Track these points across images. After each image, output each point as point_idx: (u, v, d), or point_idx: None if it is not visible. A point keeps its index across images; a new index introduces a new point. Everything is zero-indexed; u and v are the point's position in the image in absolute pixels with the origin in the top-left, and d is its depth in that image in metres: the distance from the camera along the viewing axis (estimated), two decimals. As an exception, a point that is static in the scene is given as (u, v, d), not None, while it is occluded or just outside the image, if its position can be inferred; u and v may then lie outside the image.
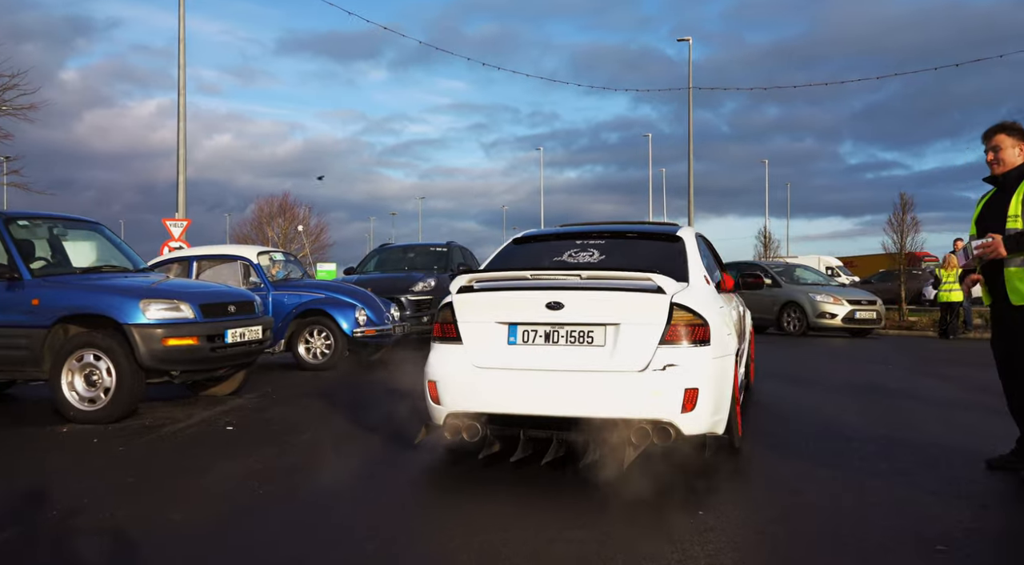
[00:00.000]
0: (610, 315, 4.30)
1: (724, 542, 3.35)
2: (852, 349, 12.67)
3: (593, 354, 4.28)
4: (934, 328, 17.49)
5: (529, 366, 4.36)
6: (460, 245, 15.17)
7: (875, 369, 9.53)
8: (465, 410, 4.45)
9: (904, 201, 19.30)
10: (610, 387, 4.18)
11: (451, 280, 4.93)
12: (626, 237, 5.57)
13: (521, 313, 4.44)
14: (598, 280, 4.46)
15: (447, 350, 4.63)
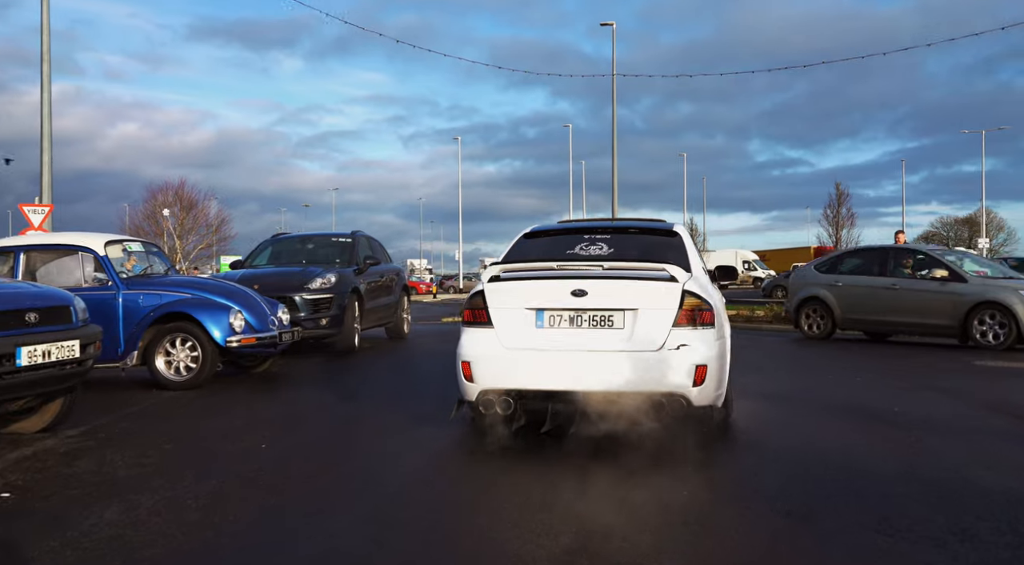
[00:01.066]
0: (629, 301, 4.81)
1: None
2: (816, 356, 11.44)
3: (614, 336, 4.79)
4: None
5: (556, 347, 4.83)
6: (368, 236, 13.26)
7: (850, 380, 8.20)
8: (497, 387, 4.89)
9: (839, 193, 18.35)
10: (630, 365, 4.67)
11: (357, 274, 5.16)
12: (628, 232, 6.10)
13: (548, 300, 4.93)
14: (617, 270, 5.02)
15: (479, 333, 5.06)
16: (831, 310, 12.92)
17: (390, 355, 11.25)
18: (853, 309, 12.71)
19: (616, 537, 3.37)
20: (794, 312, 13.70)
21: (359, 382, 8.47)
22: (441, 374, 8.42)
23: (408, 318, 13.99)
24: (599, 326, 4.86)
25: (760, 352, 10.85)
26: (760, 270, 52.12)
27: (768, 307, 19.64)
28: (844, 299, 12.80)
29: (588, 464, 4.54)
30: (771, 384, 7.63)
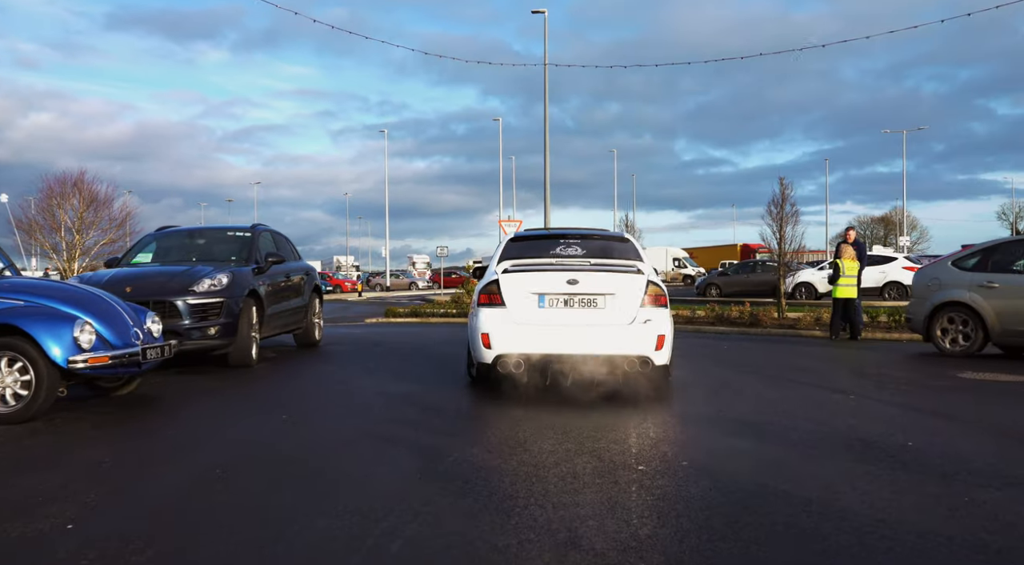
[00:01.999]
0: (608, 288, 6.67)
1: None
2: (762, 360, 10.28)
3: (598, 313, 6.65)
4: (820, 327, 15.62)
5: (554, 322, 6.64)
6: (272, 230, 11.55)
7: (838, 404, 6.99)
8: (510, 352, 6.61)
9: (783, 188, 17.40)
10: (610, 335, 6.56)
11: (256, 274, 7.91)
12: (592, 238, 7.98)
13: (548, 287, 6.71)
14: (600, 265, 7.01)
15: (495, 312, 6.71)
16: (982, 319, 10.02)
17: (296, 368, 9.60)
18: (1018, 318, 9.75)
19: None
20: (925, 321, 10.62)
21: (247, 409, 6.84)
22: (358, 394, 6.97)
23: (320, 323, 12.33)
24: (587, 306, 6.67)
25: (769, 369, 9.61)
26: (690, 267, 51.80)
27: (708, 307, 18.59)
28: (1005, 305, 9.85)
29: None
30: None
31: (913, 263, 26.12)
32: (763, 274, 29.12)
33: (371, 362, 9.81)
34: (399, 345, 12.42)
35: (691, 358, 10.00)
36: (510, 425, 5.70)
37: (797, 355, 10.75)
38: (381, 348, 11.84)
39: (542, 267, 6.98)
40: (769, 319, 16.71)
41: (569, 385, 6.94)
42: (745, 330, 15.99)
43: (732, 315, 17.52)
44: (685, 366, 9.03)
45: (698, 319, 18.00)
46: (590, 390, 6.88)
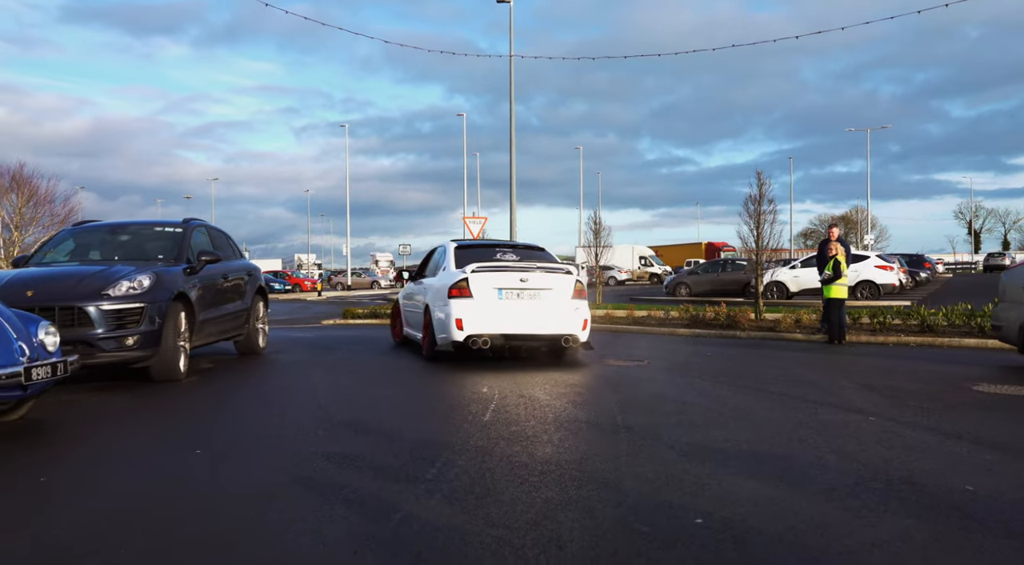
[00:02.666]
0: (549, 284, 9.10)
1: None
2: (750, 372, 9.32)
3: (541, 303, 9.04)
4: (801, 329, 14.76)
5: (509, 310, 8.94)
6: (209, 225, 10.30)
7: (860, 429, 6.00)
8: (478, 332, 8.83)
9: (761, 184, 16.49)
10: (550, 319, 9.00)
11: (187, 275, 8.37)
12: (519, 248, 10.46)
13: (505, 283, 9.01)
14: (543, 267, 9.25)
15: (466, 301, 8.93)
16: None
17: (229, 383, 8.39)
18: None
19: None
20: (1021, 331, 8.97)
21: (155, 439, 5.64)
22: (297, 419, 5.50)
23: (264, 329, 11.10)
24: (533, 298, 9.07)
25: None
26: (657, 266, 51.12)
27: (682, 308, 17.65)
28: None
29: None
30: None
31: (886, 262, 25.53)
32: (733, 273, 28.38)
33: (319, 374, 8.64)
34: (354, 352, 11.24)
35: (676, 369, 8.97)
36: (476, 460, 4.60)
37: (789, 363, 9.80)
38: (334, 356, 10.65)
39: (501, 268, 9.21)
40: (747, 321, 15.81)
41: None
42: (722, 333, 15.07)
43: (708, 317, 16.60)
44: (672, 381, 7.99)
45: (672, 321, 17.07)
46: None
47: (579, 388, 7.50)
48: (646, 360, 9.77)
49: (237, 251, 10.88)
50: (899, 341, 13.07)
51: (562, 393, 7.17)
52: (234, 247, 10.82)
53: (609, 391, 7.21)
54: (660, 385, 7.61)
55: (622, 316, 18.51)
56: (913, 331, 13.83)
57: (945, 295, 26.67)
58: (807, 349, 12.11)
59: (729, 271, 28.60)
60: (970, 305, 14.17)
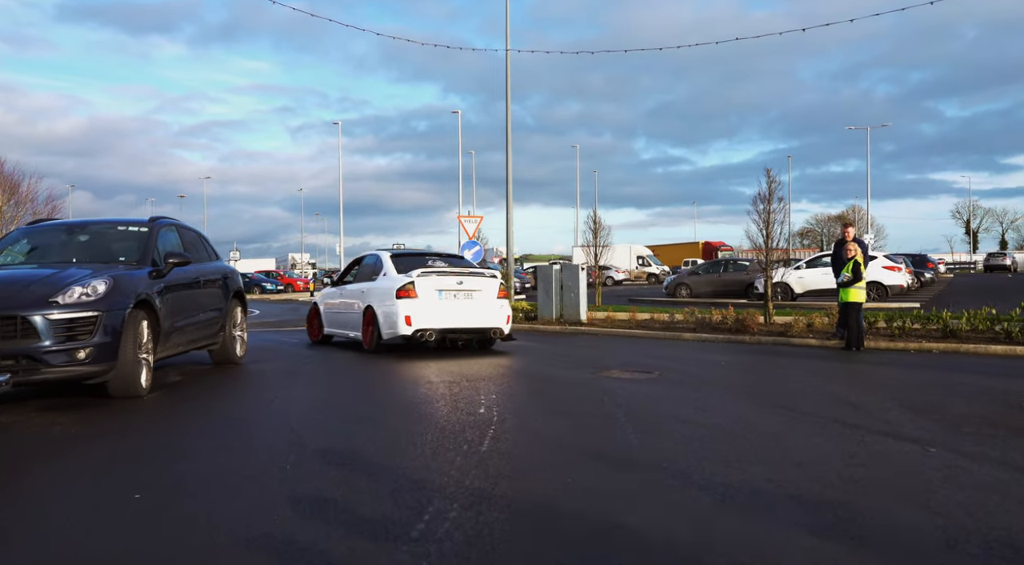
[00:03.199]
0: (480, 286, 10.84)
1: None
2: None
3: (474, 302, 10.77)
4: (814, 334, 13.94)
5: (449, 308, 10.60)
6: (180, 224, 9.43)
7: (923, 465, 5.17)
8: (424, 326, 10.39)
9: (770, 182, 15.65)
10: (481, 315, 10.75)
11: (153, 279, 7.62)
12: (443, 256, 12.39)
13: (445, 285, 10.64)
14: (475, 272, 11.09)
15: (412, 301, 10.43)
16: None
17: (196, 400, 7.52)
18: None
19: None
20: None
21: (93, 475, 4.78)
22: (264, 447, 4.47)
23: (243, 335, 10.23)
24: (468, 298, 10.86)
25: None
26: (654, 266, 50.31)
27: (687, 311, 16.82)
28: None
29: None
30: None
31: (893, 262, 24.72)
32: (735, 273, 27.58)
33: (297, 387, 7.79)
34: (338, 359, 10.39)
35: (690, 383, 8.13)
36: (472, 511, 3.76)
37: (813, 375, 8.98)
38: (315, 365, 9.81)
39: (442, 273, 10.82)
40: (756, 325, 14.99)
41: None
42: (731, 338, 14.25)
43: (714, 320, 15.78)
44: (688, 398, 7.14)
45: (677, 325, 16.24)
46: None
47: (586, 409, 6.66)
48: (656, 372, 8.93)
49: (212, 253, 10.02)
50: (920, 347, 12.27)
51: (567, 415, 6.34)
52: (209, 248, 9.95)
53: (620, 412, 6.37)
54: (676, 403, 6.78)
55: (624, 319, 17.69)
56: (934, 337, 13.03)
57: (952, 296, 25.90)
58: (826, 357, 11.29)
59: (731, 272, 27.81)
60: (994, 309, 13.36)
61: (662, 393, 7.32)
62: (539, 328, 17.33)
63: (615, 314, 18.18)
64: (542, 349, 12.40)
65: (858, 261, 12.44)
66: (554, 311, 18.10)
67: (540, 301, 18.49)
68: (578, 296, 17.77)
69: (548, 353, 11.80)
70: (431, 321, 10.45)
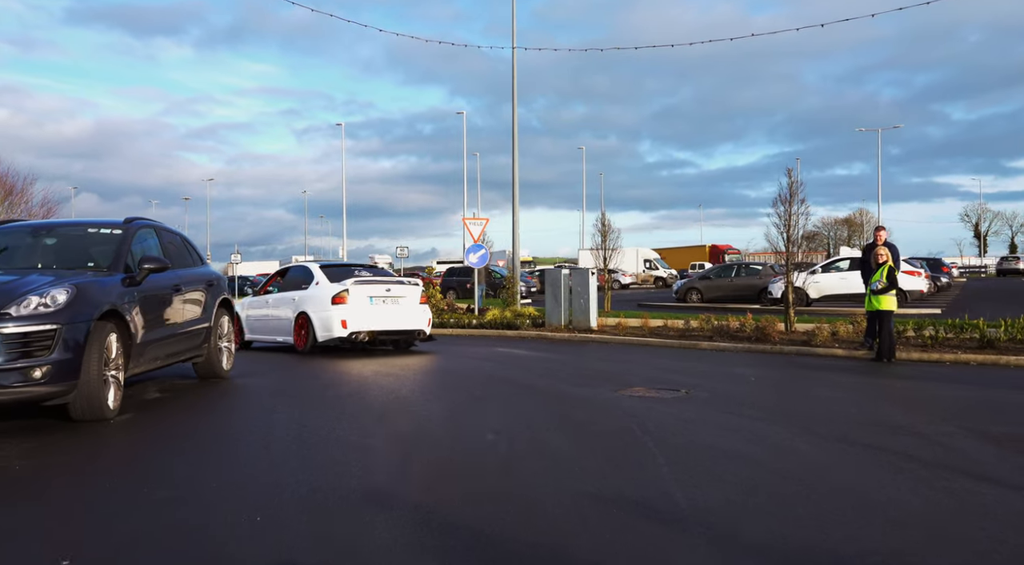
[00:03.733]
0: (404, 293, 12.12)
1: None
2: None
3: (401, 307, 12.03)
4: (840, 344, 13.07)
5: (378, 312, 11.78)
6: (160, 226, 8.58)
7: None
8: (358, 329, 11.52)
9: (792, 182, 14.77)
10: (406, 317, 12.05)
11: (126, 286, 6.84)
12: (367, 266, 13.79)
13: (375, 292, 11.82)
14: (400, 281, 12.56)
15: (346, 307, 11.56)
16: None
17: (169, 425, 6.66)
18: None
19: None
20: None
21: (17, 528, 3.92)
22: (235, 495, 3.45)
23: (230, 347, 9.38)
24: (395, 303, 12.02)
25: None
26: (662, 269, 49.40)
27: (703, 318, 15.91)
28: None
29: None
30: None
31: (912, 267, 23.81)
32: (748, 277, 26.70)
33: (284, 410, 6.94)
34: (332, 373, 9.54)
35: (722, 403, 7.24)
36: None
37: (854, 392, 8.11)
38: (307, 381, 8.96)
39: (372, 281, 12.05)
40: (776, 333, 14.13)
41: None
42: (751, 347, 13.39)
43: (732, 327, 14.90)
44: (726, 424, 6.25)
45: (693, 333, 15.35)
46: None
47: (611, 435, 5.80)
48: (682, 389, 8.07)
49: (197, 257, 9.17)
50: (956, 359, 11.39)
51: (589, 442, 5.48)
52: (193, 253, 9.11)
53: (650, 441, 5.51)
54: (715, 432, 5.91)
55: (636, 325, 16.82)
56: (970, 347, 12.13)
57: (970, 301, 25.01)
58: (859, 370, 10.42)
59: (743, 276, 26.92)
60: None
61: (696, 417, 6.45)
62: (547, 335, 16.48)
63: (626, 321, 17.30)
64: (553, 360, 11.55)
65: (892, 266, 11.56)
66: (563, 317, 17.24)
67: (548, 307, 17.63)
68: (588, 302, 16.91)
69: (560, 365, 10.94)
70: (364, 324, 11.66)
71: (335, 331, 11.55)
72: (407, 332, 12.15)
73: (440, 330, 18.16)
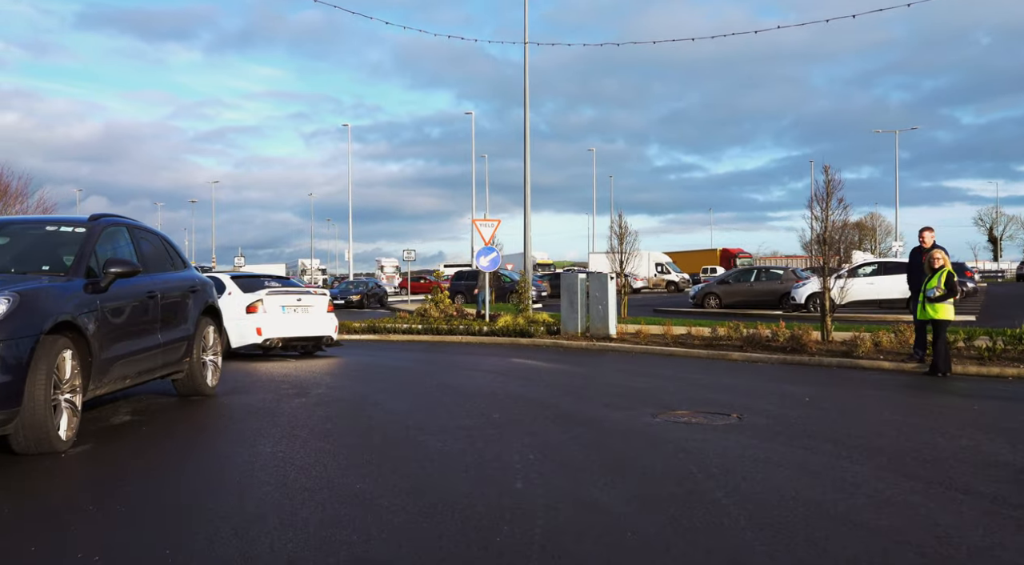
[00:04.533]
0: (313, 302, 12.84)
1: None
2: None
3: (310, 315, 12.68)
4: (880, 354, 11.95)
5: (290, 320, 12.42)
6: (134, 224, 7.48)
7: None
8: (271, 336, 12.15)
9: (828, 179, 13.65)
10: (315, 324, 12.71)
11: (88, 293, 5.89)
12: (276, 277, 15.44)
13: (287, 302, 12.49)
14: (308, 291, 13.54)
15: (261, 315, 12.15)
16: None
17: (134, 458, 5.54)
18: None
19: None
20: None
21: None
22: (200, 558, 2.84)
23: (216, 361, 8.30)
24: (305, 312, 12.62)
25: None
26: (674, 273, 48.19)
27: (731, 325, 14.79)
28: None
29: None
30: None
31: (943, 271, 22.58)
32: (768, 282, 25.55)
33: (269, 441, 5.84)
34: (334, 390, 8.46)
35: (784, 432, 6.10)
36: None
37: (931, 416, 7.00)
38: (305, 399, 7.88)
39: (285, 291, 12.89)
40: (812, 342, 13.00)
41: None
42: (787, 358, 12.27)
43: (763, 336, 13.77)
44: (802, 465, 5.10)
45: (721, 341, 14.22)
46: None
47: (667, 482, 4.69)
48: (732, 412, 6.95)
49: (180, 260, 8.10)
50: (1019, 373, 10.26)
51: (644, 495, 4.38)
52: (175, 255, 8.04)
53: (718, 491, 4.40)
54: (790, 475, 4.79)
55: (658, 333, 15.69)
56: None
57: (1001, 307, 23.82)
58: (919, 386, 9.31)
59: (763, 280, 25.77)
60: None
61: (763, 454, 5.31)
62: (563, 344, 15.37)
63: (647, 328, 16.16)
64: (575, 375, 10.44)
65: (951, 271, 10.43)
66: (580, 325, 16.13)
67: (564, 313, 16.52)
68: (607, 308, 15.80)
69: (584, 380, 9.84)
70: (277, 331, 12.32)
71: (249, 338, 12.17)
72: (316, 338, 12.82)
73: (449, 338, 17.10)
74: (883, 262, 23.53)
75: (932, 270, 10.48)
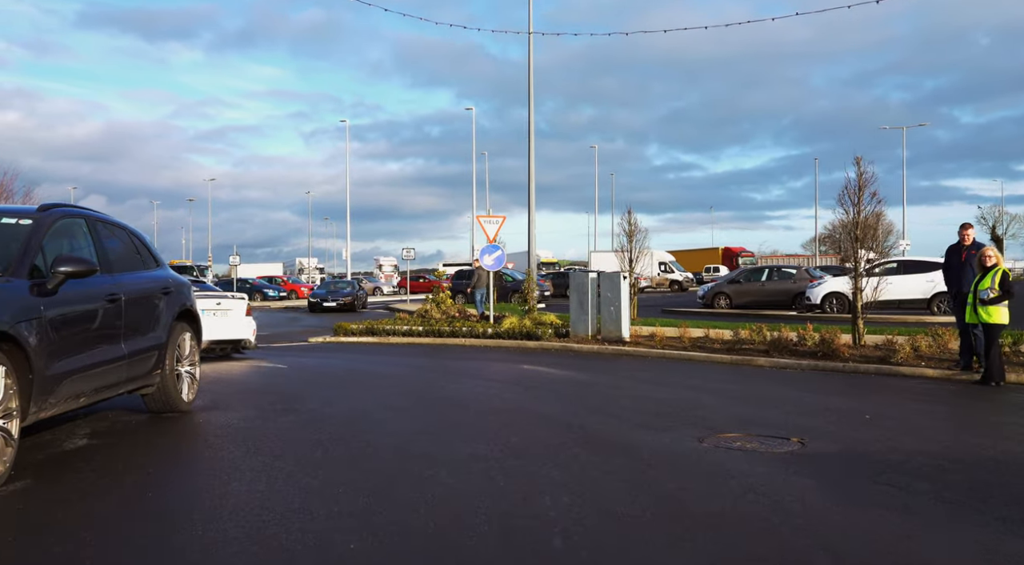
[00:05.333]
0: (232, 306, 13.09)
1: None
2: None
3: (229, 319, 12.94)
4: (920, 360, 10.97)
5: (211, 324, 11.69)
6: (94, 216, 6.46)
7: None
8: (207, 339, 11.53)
9: (860, 172, 12.68)
10: (234, 328, 12.98)
11: (34, 296, 4.94)
12: (195, 281, 15.41)
13: (208, 306, 12.21)
14: (226, 296, 13.89)
15: None
16: None
17: (82, 506, 4.55)
18: None
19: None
20: None
21: None
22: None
23: (192, 371, 7.27)
24: (224, 316, 12.85)
25: None
26: (677, 272, 47.20)
27: (753, 328, 13.77)
28: None
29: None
30: None
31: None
32: (780, 282, 24.56)
33: (247, 472, 4.83)
34: (327, 405, 7.44)
35: (863, 463, 5.07)
36: None
37: (1012, 438, 6.02)
38: (294, 417, 6.86)
39: (204, 296, 12.52)
40: (844, 347, 12.01)
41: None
42: (818, 365, 11.29)
43: (789, 340, 12.78)
44: (880, 515, 4.12)
45: (743, 346, 13.20)
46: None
47: (749, 536, 3.69)
48: (792, 436, 5.94)
49: (151, 258, 7.07)
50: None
51: (718, 549, 3.38)
52: (145, 252, 7.01)
53: (811, 547, 3.40)
54: (892, 528, 3.79)
55: (674, 336, 14.69)
56: (1091, 367, 10.02)
57: (1019, 308, 22.82)
58: (980, 397, 8.36)
59: (775, 280, 24.78)
60: None
61: (849, 498, 4.30)
62: (573, 348, 14.37)
63: (661, 329, 15.14)
64: (596, 385, 9.42)
65: (1005, 271, 9.44)
66: (590, 327, 15.13)
67: (573, 315, 15.52)
68: (619, 309, 14.79)
69: (606, 391, 8.82)
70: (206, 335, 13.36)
71: None
72: (235, 341, 13.15)
73: (452, 340, 16.10)
74: (903, 261, 22.49)
75: (984, 269, 9.49)
